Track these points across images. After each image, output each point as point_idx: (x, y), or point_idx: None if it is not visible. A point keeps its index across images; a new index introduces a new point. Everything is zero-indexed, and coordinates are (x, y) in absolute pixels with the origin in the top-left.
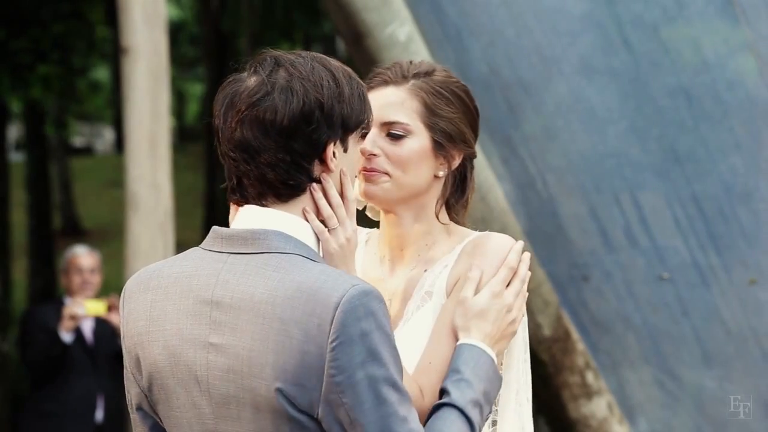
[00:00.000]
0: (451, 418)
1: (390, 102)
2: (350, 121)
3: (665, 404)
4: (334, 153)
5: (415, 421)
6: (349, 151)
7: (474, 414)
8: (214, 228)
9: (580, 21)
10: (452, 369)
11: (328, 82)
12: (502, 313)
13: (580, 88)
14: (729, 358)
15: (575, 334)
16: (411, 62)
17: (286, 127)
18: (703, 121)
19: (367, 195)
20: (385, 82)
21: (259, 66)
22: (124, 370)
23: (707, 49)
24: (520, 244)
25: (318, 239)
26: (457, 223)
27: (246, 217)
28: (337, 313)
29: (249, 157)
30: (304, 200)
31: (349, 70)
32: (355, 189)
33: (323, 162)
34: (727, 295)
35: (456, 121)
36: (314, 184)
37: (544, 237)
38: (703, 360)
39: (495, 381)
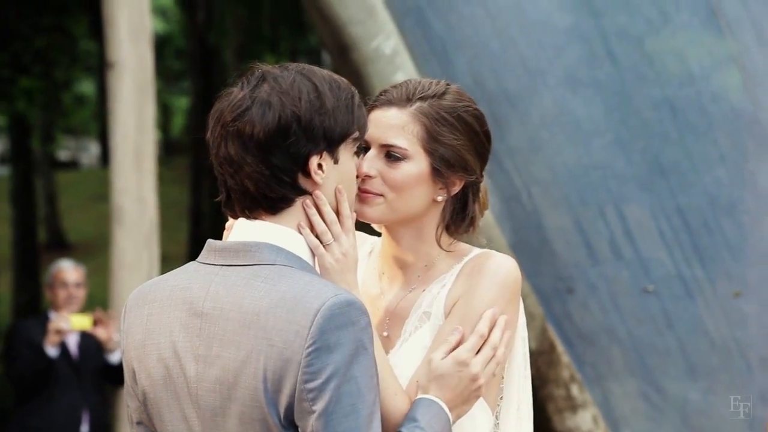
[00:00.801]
0: None
1: (391, 124)
2: (334, 133)
3: (650, 416)
4: (320, 165)
5: None
6: (341, 162)
7: None
8: (209, 241)
9: (564, 34)
10: (409, 418)
11: (308, 94)
12: (465, 381)
13: (565, 100)
14: (713, 370)
15: (560, 347)
16: (420, 82)
17: (262, 140)
18: (688, 133)
19: (361, 215)
20: (390, 103)
21: (246, 80)
22: (125, 384)
23: (692, 61)
24: (493, 310)
25: (312, 251)
26: (458, 239)
27: (239, 229)
28: (316, 319)
29: (234, 172)
30: (296, 213)
31: (341, 80)
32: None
33: (308, 175)
34: (712, 308)
35: (458, 148)
36: (307, 201)
37: (529, 249)
38: (688, 372)
39: None
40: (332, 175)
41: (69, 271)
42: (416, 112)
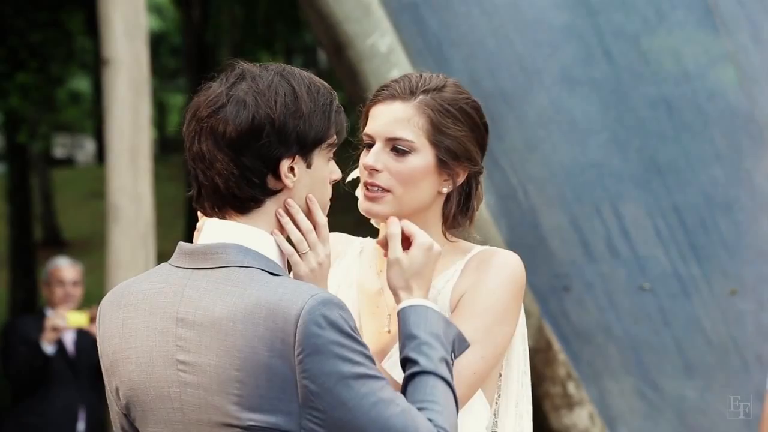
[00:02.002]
0: (430, 383)
1: (397, 118)
2: (307, 138)
3: (647, 414)
4: (292, 169)
5: (401, 398)
6: (314, 167)
7: (446, 372)
8: (180, 244)
9: (560, 32)
10: (407, 336)
11: (284, 97)
12: (434, 260)
13: (561, 99)
14: (710, 368)
15: (557, 345)
16: (421, 76)
17: (234, 139)
18: (684, 131)
19: (368, 212)
20: (393, 97)
21: (225, 78)
22: (106, 390)
23: (688, 59)
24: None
25: (282, 253)
26: (455, 235)
27: (208, 230)
28: (298, 325)
29: (205, 168)
30: (268, 215)
31: (321, 84)
32: (359, 204)
33: (278, 178)
34: (708, 306)
35: (462, 139)
36: (280, 210)
37: (525, 248)
38: (684, 370)
39: (449, 327)
40: (304, 179)
41: (66, 268)
42: (420, 104)
